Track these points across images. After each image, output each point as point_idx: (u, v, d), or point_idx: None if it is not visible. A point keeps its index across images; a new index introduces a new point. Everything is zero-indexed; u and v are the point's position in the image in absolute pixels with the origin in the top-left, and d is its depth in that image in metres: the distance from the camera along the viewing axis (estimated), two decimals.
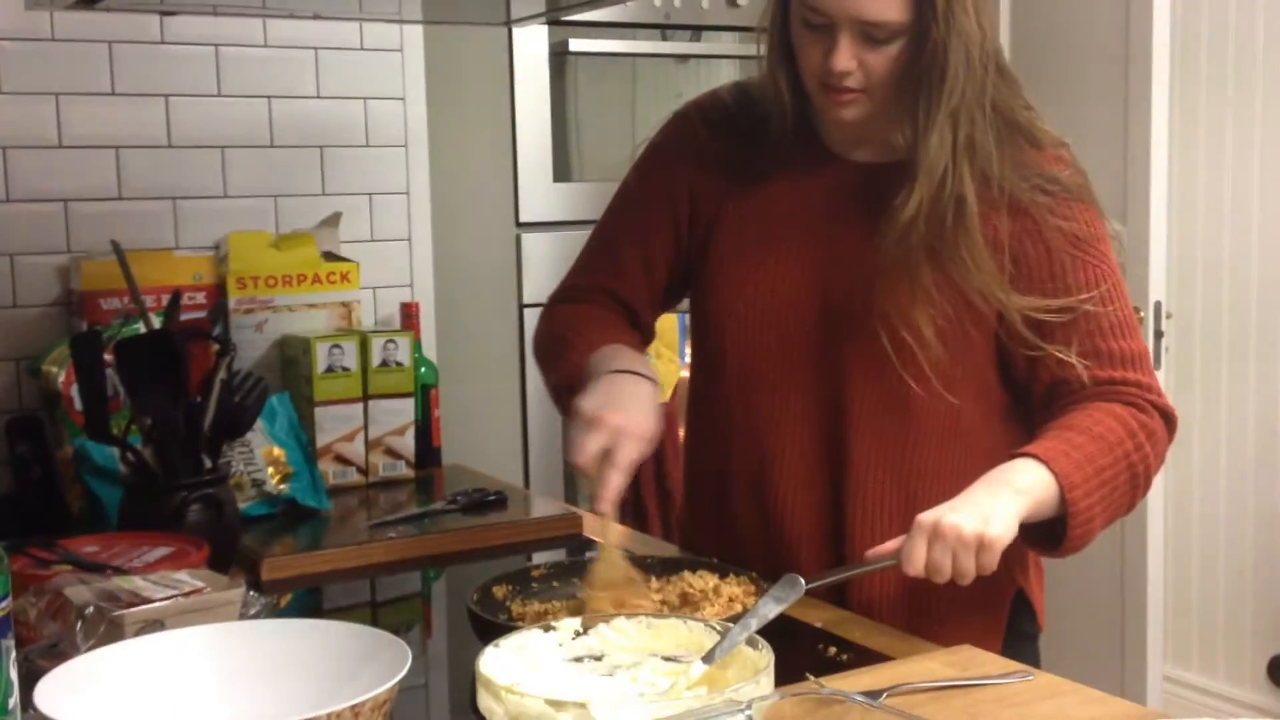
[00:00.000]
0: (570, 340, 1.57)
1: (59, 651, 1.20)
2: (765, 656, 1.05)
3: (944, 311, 1.41)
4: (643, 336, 1.66)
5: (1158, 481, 3.03)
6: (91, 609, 1.24)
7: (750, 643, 1.09)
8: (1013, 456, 1.37)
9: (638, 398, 1.42)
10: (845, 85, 1.40)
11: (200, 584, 1.30)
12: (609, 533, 1.96)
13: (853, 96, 1.41)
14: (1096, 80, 2.98)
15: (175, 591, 1.28)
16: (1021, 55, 3.16)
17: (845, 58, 1.37)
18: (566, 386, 1.51)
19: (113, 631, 1.22)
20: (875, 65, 1.38)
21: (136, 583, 1.31)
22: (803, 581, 1.25)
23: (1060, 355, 1.42)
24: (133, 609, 1.23)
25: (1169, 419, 1.46)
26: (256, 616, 1.35)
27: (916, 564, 1.29)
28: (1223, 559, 3.34)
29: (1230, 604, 3.34)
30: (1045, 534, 1.38)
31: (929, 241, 1.39)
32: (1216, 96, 3.24)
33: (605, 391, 1.42)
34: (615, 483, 1.35)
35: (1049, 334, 1.43)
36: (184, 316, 2.02)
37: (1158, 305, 2.93)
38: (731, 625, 1.13)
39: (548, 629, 1.14)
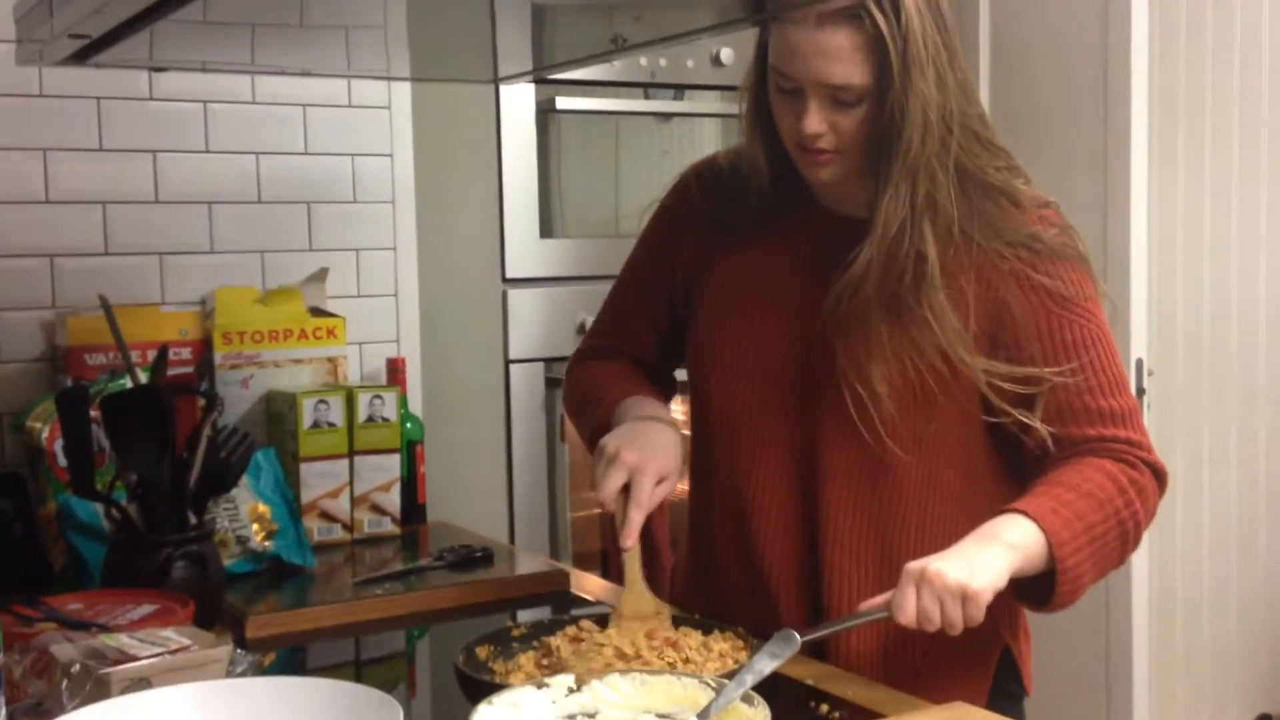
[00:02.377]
0: (598, 395, 1.63)
1: (44, 710, 1.19)
2: (761, 713, 1.04)
3: (902, 369, 1.41)
4: (664, 389, 1.72)
5: (1142, 539, 3.04)
6: (77, 667, 1.23)
7: (745, 699, 1.08)
8: (1001, 512, 1.37)
9: (657, 439, 1.49)
10: (819, 147, 1.43)
11: (187, 641, 1.29)
12: (593, 586, 1.95)
13: (827, 158, 1.44)
14: (1075, 139, 3.01)
15: (161, 649, 1.27)
16: (1000, 115, 3.20)
17: (815, 121, 1.41)
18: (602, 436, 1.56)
19: (99, 690, 1.20)
20: (845, 127, 1.42)
21: (122, 640, 1.29)
22: (798, 637, 1.24)
23: (1025, 420, 1.43)
24: (119, 667, 1.22)
25: (1159, 475, 1.46)
26: (243, 674, 1.34)
27: (908, 612, 1.29)
28: (1207, 617, 3.34)
29: (1215, 662, 3.33)
30: (1033, 590, 1.38)
31: (885, 298, 1.41)
32: (1194, 154, 3.27)
33: (627, 433, 1.50)
34: (636, 518, 1.43)
35: (1030, 397, 1.44)
36: (170, 372, 2.01)
37: (1139, 362, 2.94)
38: (726, 681, 1.12)
39: (541, 686, 1.13)
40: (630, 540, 1.43)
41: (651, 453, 1.47)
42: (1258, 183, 3.20)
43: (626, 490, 1.45)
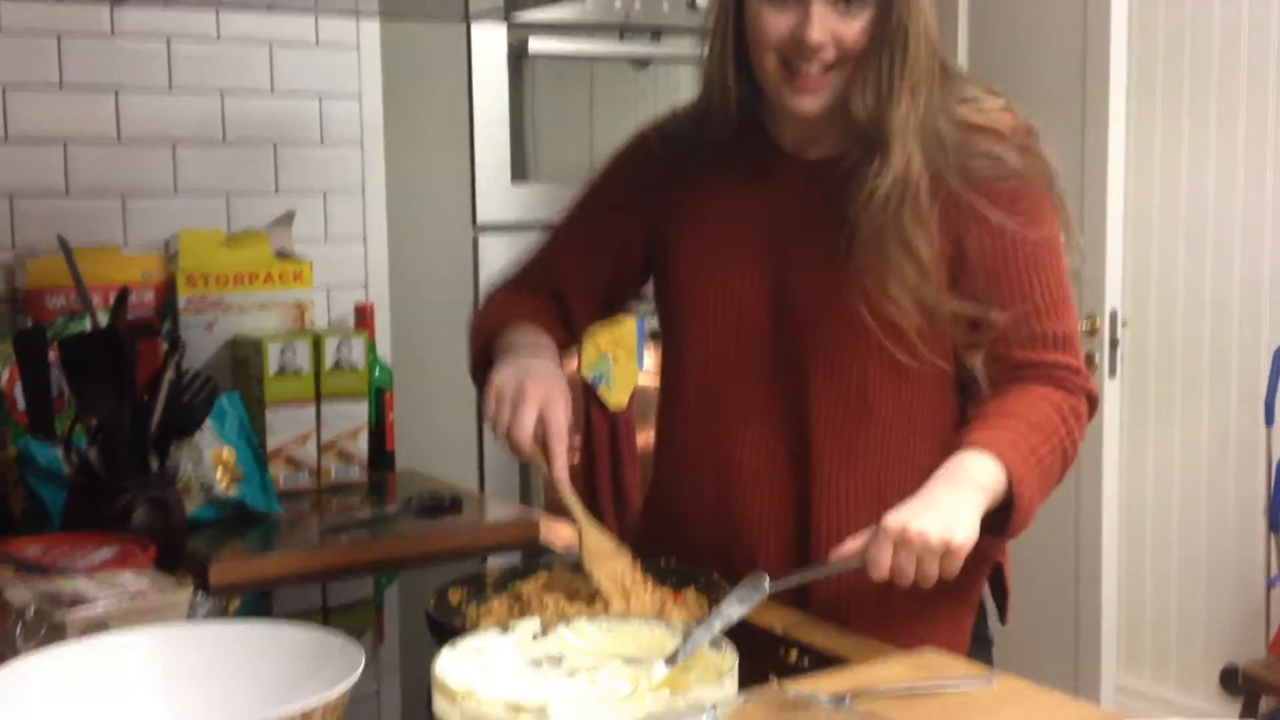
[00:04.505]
0: (492, 322, 1.59)
1: None
2: (729, 659, 1.02)
3: (913, 283, 1.40)
4: (570, 336, 1.64)
5: (1111, 491, 3.05)
6: (32, 611, 1.20)
7: (713, 645, 1.06)
8: (964, 446, 1.38)
9: (547, 369, 1.45)
10: (818, 60, 1.38)
11: (145, 585, 1.27)
12: (564, 535, 1.94)
13: (819, 80, 1.39)
14: (1053, 91, 2.99)
15: (120, 593, 1.24)
16: (978, 64, 3.17)
17: (819, 28, 1.36)
18: (484, 361, 1.53)
19: (54, 634, 1.18)
20: (846, 37, 1.38)
21: (79, 584, 1.27)
22: (767, 583, 1.23)
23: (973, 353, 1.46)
24: (75, 611, 1.20)
25: (1092, 401, 1.48)
26: (206, 619, 1.31)
27: (882, 569, 1.28)
28: (1176, 568, 3.36)
29: (1183, 613, 3.35)
30: (987, 522, 1.37)
31: (895, 217, 1.38)
32: (1172, 107, 3.26)
33: (513, 366, 1.44)
34: (561, 452, 1.38)
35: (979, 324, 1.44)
36: (132, 315, 1.97)
37: (1113, 313, 2.94)
38: (694, 627, 1.10)
39: (506, 630, 1.11)
40: (564, 476, 1.39)
41: (553, 385, 1.41)
42: (1234, 135, 3.19)
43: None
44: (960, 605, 1.52)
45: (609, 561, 1.41)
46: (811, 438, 1.47)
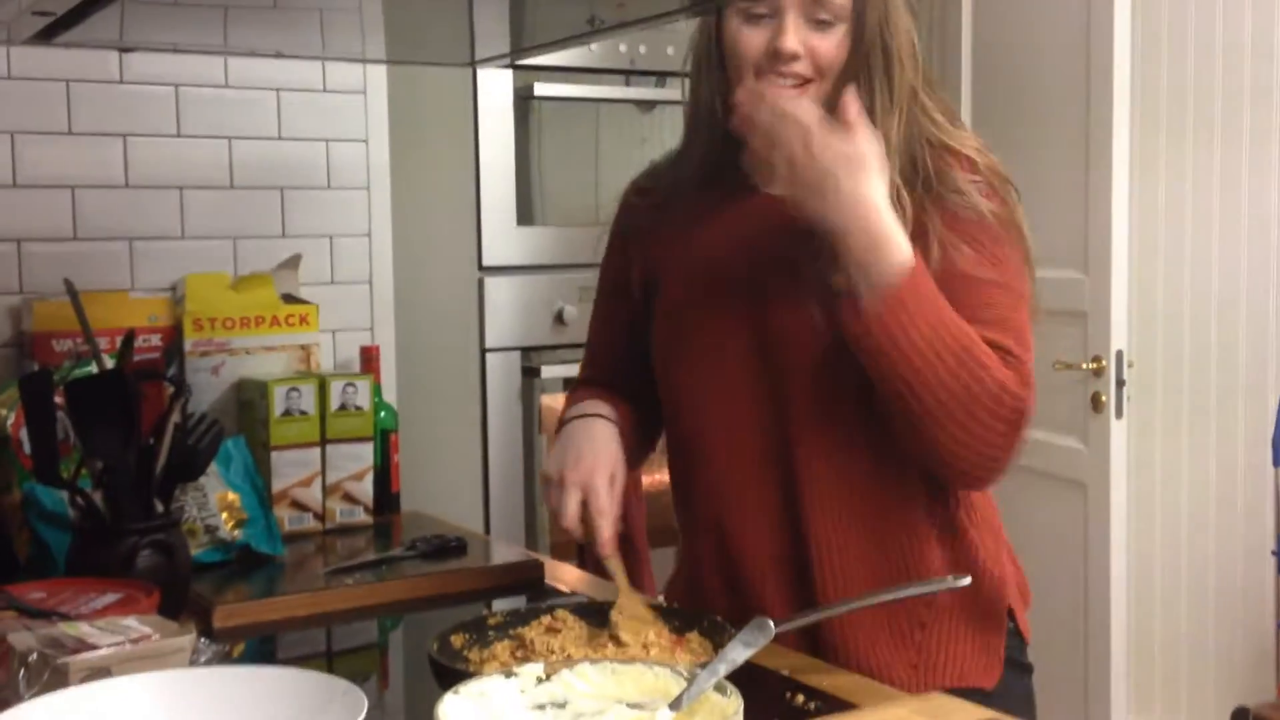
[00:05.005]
0: (562, 412, 1.65)
1: (1, 699, 1.16)
2: (734, 703, 1.02)
3: None
4: (648, 410, 1.63)
5: (1119, 533, 3.03)
6: (35, 655, 1.20)
7: (718, 689, 1.06)
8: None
9: (591, 440, 1.49)
10: (792, 72, 1.39)
11: (148, 630, 1.26)
12: (568, 577, 1.93)
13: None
14: (1057, 132, 3.01)
15: (122, 638, 1.24)
16: (981, 107, 3.19)
17: (792, 38, 1.37)
18: None
19: (57, 679, 1.17)
20: (821, 50, 1.38)
21: (82, 629, 1.26)
22: (772, 625, 1.22)
23: None
24: (77, 656, 1.19)
25: (1018, 400, 1.35)
26: (207, 664, 1.31)
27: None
28: (1185, 609, 3.34)
29: (1193, 653, 3.33)
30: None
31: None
32: (1176, 147, 3.27)
33: (560, 448, 1.51)
34: (605, 528, 1.43)
35: None
36: (138, 358, 1.98)
37: (1119, 354, 2.93)
38: (699, 670, 1.10)
39: (509, 675, 1.11)
40: (609, 548, 1.44)
41: (592, 459, 1.47)
42: (1239, 176, 3.19)
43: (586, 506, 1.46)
44: (986, 625, 1.48)
45: (641, 626, 1.42)
46: (799, 471, 1.45)
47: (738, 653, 1.18)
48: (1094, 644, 3.01)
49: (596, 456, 1.47)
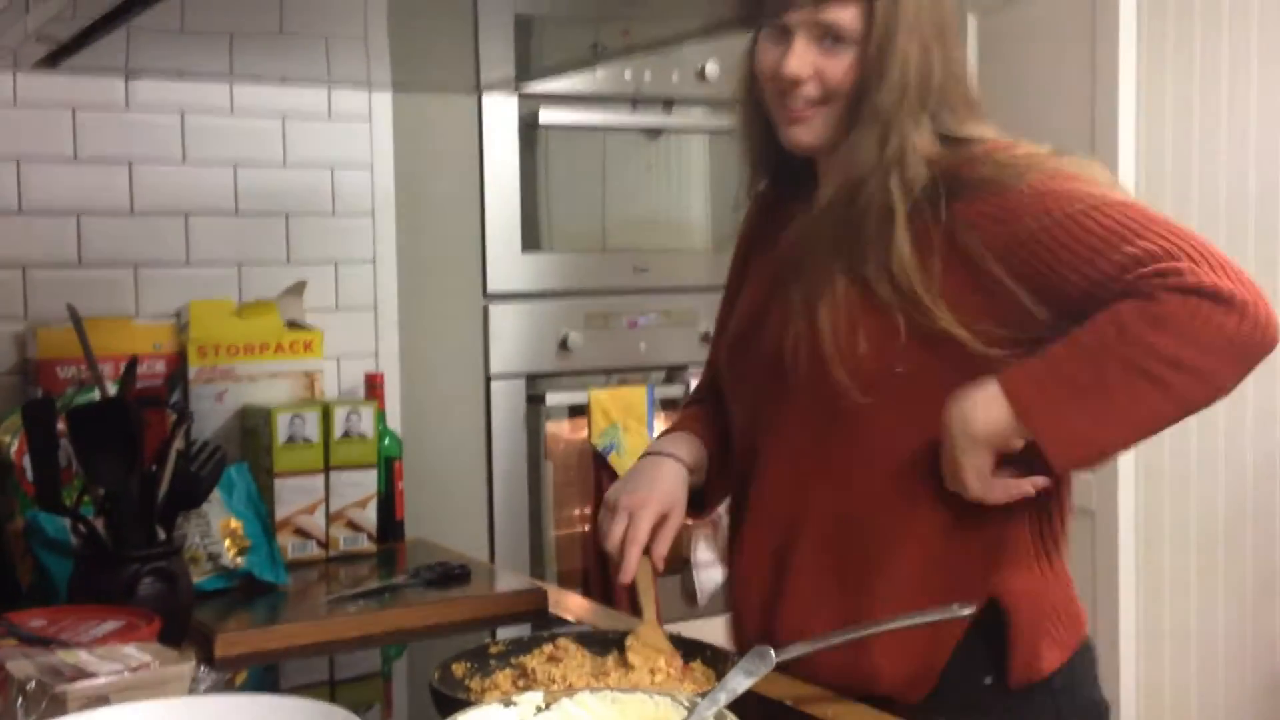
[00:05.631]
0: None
1: None
2: None
3: (851, 324, 1.37)
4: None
5: (1128, 560, 2.99)
6: (33, 684, 1.19)
7: (718, 718, 1.05)
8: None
9: (655, 476, 1.52)
10: (802, 93, 1.40)
11: (148, 658, 1.25)
12: (573, 606, 1.92)
13: (807, 113, 1.41)
14: (1064, 65, 3.01)
15: (121, 666, 1.23)
16: (984, 32, 3.19)
17: (798, 61, 1.38)
18: None
19: (55, 707, 1.17)
20: (832, 73, 1.39)
21: (81, 657, 1.25)
22: (773, 653, 1.21)
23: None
24: (76, 684, 1.18)
25: (1205, 294, 1.24)
26: (208, 692, 1.30)
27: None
28: (1194, 609, 3.31)
29: (1202, 655, 3.30)
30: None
31: (843, 245, 1.38)
32: (1184, 69, 3.22)
33: (627, 478, 1.54)
34: (631, 554, 1.45)
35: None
36: (142, 385, 1.97)
37: None
38: (699, 700, 1.09)
39: (508, 704, 1.10)
40: (627, 578, 1.45)
41: (649, 492, 1.49)
42: (1248, 92, 3.15)
43: None
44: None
45: (654, 656, 1.41)
46: (855, 485, 1.43)
47: (738, 681, 1.16)
48: (1104, 668, 2.99)
49: (653, 490, 1.50)
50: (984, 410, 1.30)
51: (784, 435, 1.47)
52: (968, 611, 1.34)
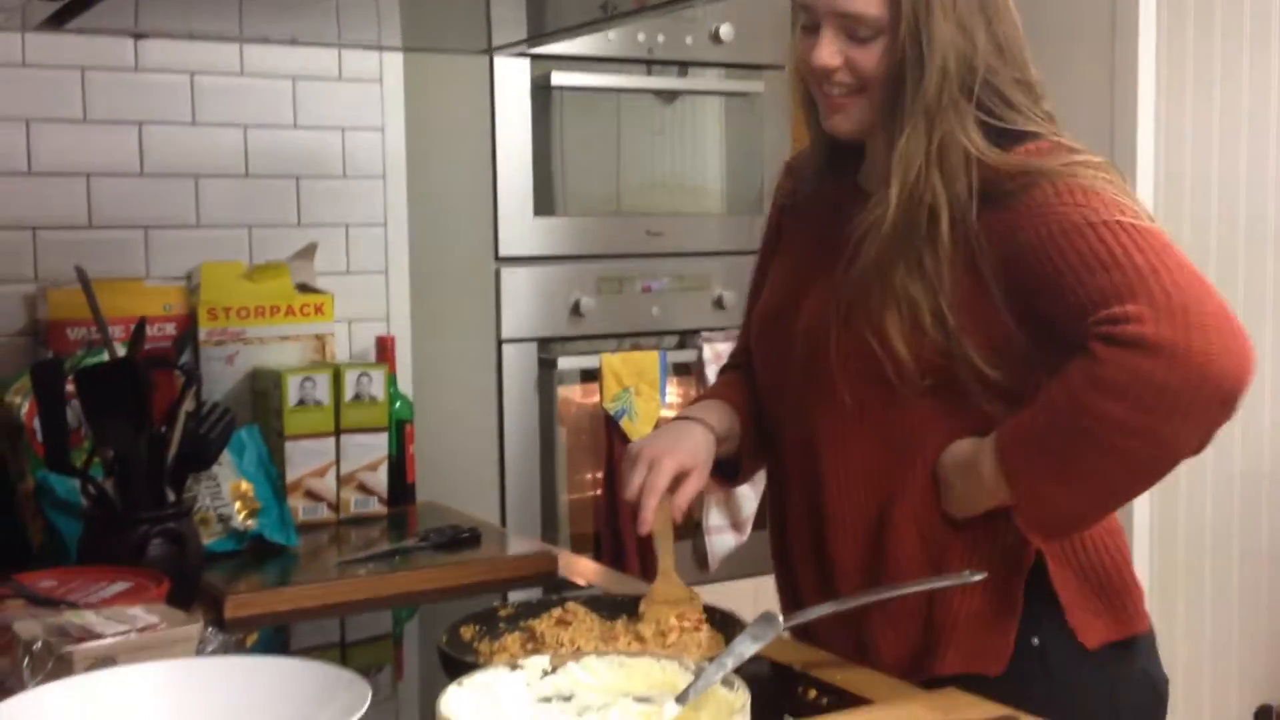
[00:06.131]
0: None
1: (6, 687, 1.15)
2: (741, 697, 1.00)
3: (915, 320, 1.35)
4: None
5: (1143, 520, 2.99)
6: (39, 644, 1.19)
7: (726, 683, 1.04)
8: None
9: (681, 436, 1.50)
10: (836, 81, 1.39)
11: (155, 620, 1.25)
12: (584, 570, 1.92)
13: (845, 101, 1.41)
14: (1082, 64, 2.98)
15: (128, 627, 1.23)
16: None
17: (827, 52, 1.38)
18: None
19: (61, 667, 1.17)
20: (863, 63, 1.38)
21: (88, 618, 1.25)
22: (780, 619, 1.20)
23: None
24: (82, 644, 1.18)
25: (1145, 347, 1.21)
26: (215, 654, 1.30)
27: None
28: (1209, 606, 3.30)
29: (1216, 651, 3.29)
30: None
31: (903, 246, 1.35)
32: (1204, 77, 3.19)
33: (654, 434, 1.54)
34: (649, 504, 1.42)
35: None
36: (151, 347, 1.97)
37: None
38: (707, 664, 1.08)
39: (514, 667, 1.09)
40: (645, 528, 1.42)
41: (671, 447, 1.47)
42: (1268, 108, 3.12)
43: None
44: (999, 609, 1.40)
45: (664, 607, 1.42)
46: (822, 461, 1.46)
47: (745, 646, 1.16)
48: None
49: (677, 444, 1.48)
50: (978, 470, 1.35)
51: (806, 417, 1.47)
52: (979, 578, 1.33)
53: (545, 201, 2.73)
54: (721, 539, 2.86)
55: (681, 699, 1.03)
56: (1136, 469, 1.27)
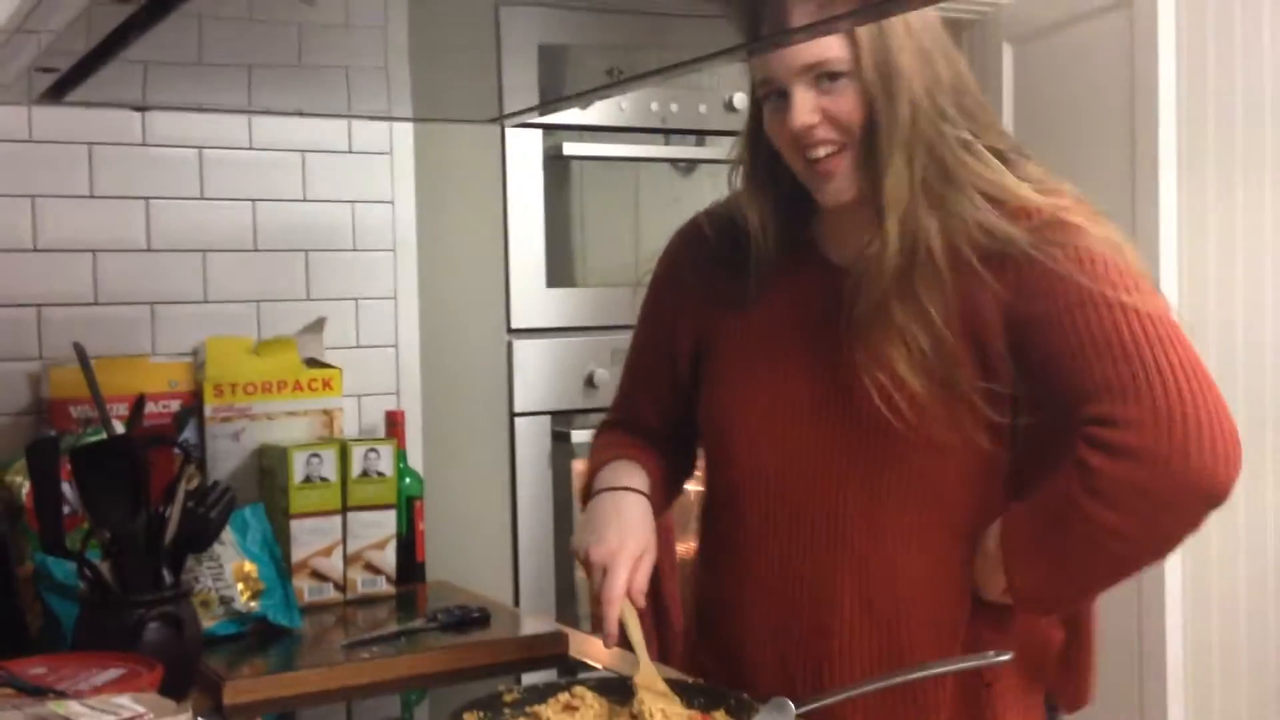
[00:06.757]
0: (593, 463, 1.62)
1: None
2: None
3: (919, 350, 1.35)
4: (677, 462, 1.66)
5: (1174, 565, 2.94)
6: None
7: None
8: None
9: (619, 516, 1.47)
10: (819, 140, 1.37)
11: (141, 710, 1.20)
12: (597, 651, 1.85)
13: (832, 165, 1.38)
14: (1102, 155, 2.95)
15: (114, 718, 1.18)
16: (1022, 129, 3.13)
17: (803, 110, 1.36)
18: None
19: None
20: (838, 109, 1.36)
21: (72, 708, 1.20)
22: (792, 705, 1.15)
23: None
24: None
25: (1130, 455, 1.26)
26: None
27: None
28: (1243, 620, 3.20)
29: (1253, 665, 3.18)
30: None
31: (899, 285, 1.35)
32: (1225, 167, 3.15)
33: (588, 522, 1.49)
34: (610, 615, 1.39)
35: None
36: (151, 424, 1.93)
37: None
38: None
39: None
40: (611, 641, 1.40)
41: (617, 540, 1.44)
42: None
43: None
44: (1026, 685, 1.44)
45: (658, 697, 1.37)
46: (848, 531, 1.42)
47: None
48: (1150, 658, 2.95)
49: (622, 537, 1.44)
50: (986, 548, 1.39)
51: (830, 494, 1.44)
52: (1005, 659, 1.29)
53: (559, 272, 2.70)
54: None
55: None
56: (1126, 563, 1.34)
